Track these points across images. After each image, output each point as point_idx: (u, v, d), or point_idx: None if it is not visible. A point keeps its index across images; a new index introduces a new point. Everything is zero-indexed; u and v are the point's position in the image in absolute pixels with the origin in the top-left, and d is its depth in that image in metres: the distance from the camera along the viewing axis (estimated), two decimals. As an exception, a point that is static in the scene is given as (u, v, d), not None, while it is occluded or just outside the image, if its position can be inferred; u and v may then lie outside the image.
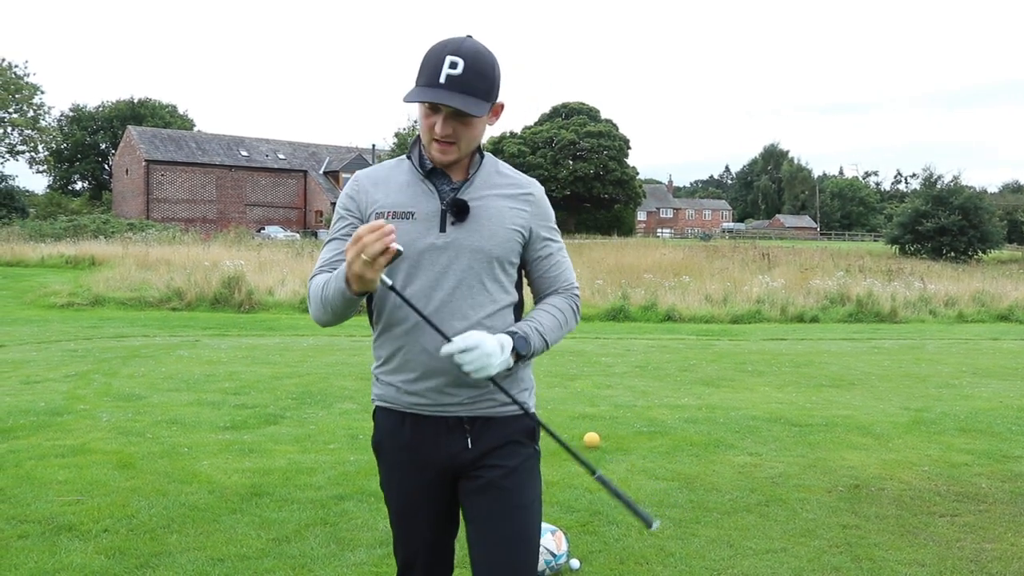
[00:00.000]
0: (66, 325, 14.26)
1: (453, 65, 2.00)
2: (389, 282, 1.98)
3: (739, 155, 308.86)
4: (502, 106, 2.18)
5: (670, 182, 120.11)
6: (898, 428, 7.06)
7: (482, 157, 2.21)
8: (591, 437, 6.28)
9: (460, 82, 2.01)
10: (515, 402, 2.11)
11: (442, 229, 2.13)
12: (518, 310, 2.26)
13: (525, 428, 2.22)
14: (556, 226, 2.32)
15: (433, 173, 2.17)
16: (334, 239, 2.23)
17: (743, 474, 5.63)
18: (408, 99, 2.04)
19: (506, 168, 2.27)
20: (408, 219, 2.13)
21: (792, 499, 5.09)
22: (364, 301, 2.21)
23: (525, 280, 2.34)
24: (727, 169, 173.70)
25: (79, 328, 13.80)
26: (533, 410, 2.22)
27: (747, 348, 12.82)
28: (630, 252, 30.87)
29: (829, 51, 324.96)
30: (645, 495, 5.12)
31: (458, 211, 2.12)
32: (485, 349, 1.97)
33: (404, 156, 2.25)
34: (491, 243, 2.14)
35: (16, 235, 32.61)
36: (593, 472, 2.07)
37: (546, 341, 2.18)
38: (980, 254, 47.85)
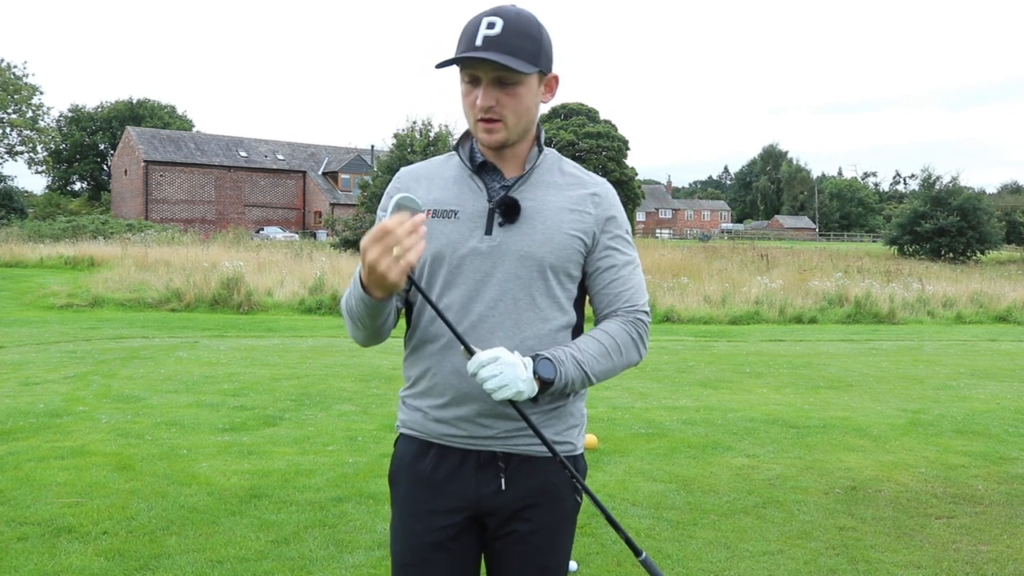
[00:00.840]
0: (65, 326, 14.27)
1: (491, 25, 1.76)
2: (412, 276, 1.73)
3: (738, 155, 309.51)
4: (557, 79, 1.89)
5: (669, 183, 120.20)
6: (895, 430, 7.08)
7: (541, 151, 1.93)
8: (589, 439, 6.29)
9: (498, 41, 1.75)
10: (546, 445, 1.78)
11: (488, 231, 1.85)
12: (577, 334, 1.94)
13: (566, 475, 1.92)
14: (629, 236, 1.98)
15: (484, 168, 1.90)
16: None
17: (740, 476, 5.65)
18: (440, 64, 1.79)
19: (571, 166, 1.98)
20: (450, 218, 1.87)
21: (789, 501, 5.11)
22: (404, 313, 2.00)
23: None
24: (726, 170, 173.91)
25: (78, 329, 13.81)
26: (580, 450, 1.99)
27: (745, 349, 12.84)
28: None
29: (828, 51, 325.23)
30: (643, 497, 5.14)
31: (507, 211, 1.85)
32: (507, 359, 1.70)
33: (453, 151, 2.00)
34: (544, 249, 1.85)
35: (15, 236, 32.59)
36: (639, 555, 1.81)
37: (585, 372, 1.81)
38: (979, 255, 47.93)
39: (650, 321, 1.98)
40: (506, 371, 1.68)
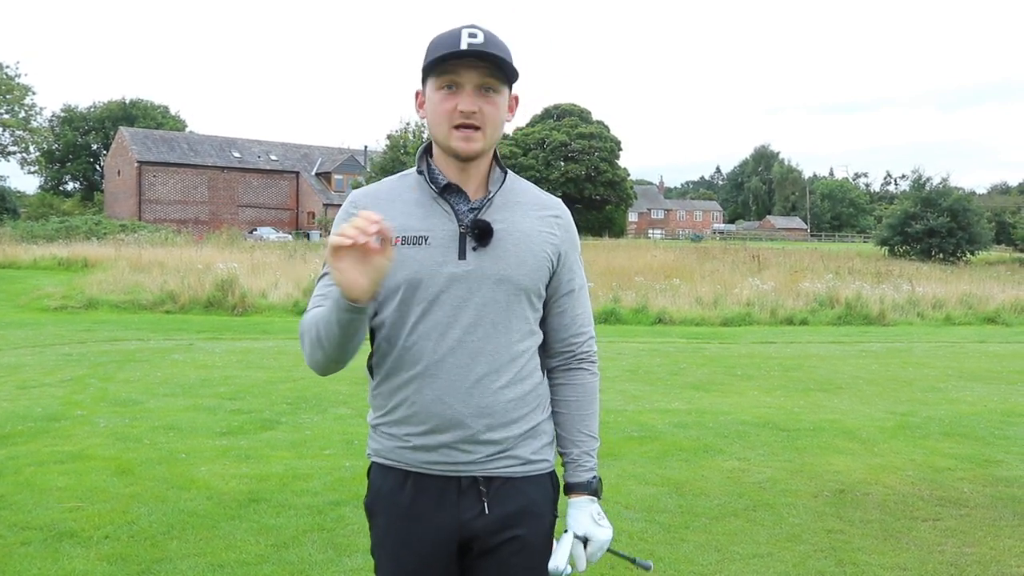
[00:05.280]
0: (60, 328, 14.30)
1: (472, 35, 1.77)
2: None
3: (732, 156, 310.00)
4: (517, 99, 1.91)
5: (661, 183, 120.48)
6: (884, 433, 7.19)
7: (503, 172, 1.93)
8: None
9: (484, 47, 1.77)
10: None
11: (461, 256, 1.83)
12: (540, 351, 1.98)
13: (545, 493, 1.96)
14: (580, 257, 2.06)
15: (447, 190, 1.86)
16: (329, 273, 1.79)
17: (731, 479, 5.74)
18: (431, 62, 1.79)
19: (527, 184, 1.99)
20: (421, 244, 1.83)
21: (778, 504, 5.21)
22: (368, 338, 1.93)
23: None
24: (718, 170, 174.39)
25: (73, 331, 13.84)
26: (553, 467, 2.01)
27: (736, 351, 12.95)
28: (621, 254, 31.00)
29: (828, 51, 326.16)
30: (635, 500, 5.24)
31: (481, 234, 1.83)
32: (598, 539, 1.95)
33: (410, 171, 1.95)
34: (519, 272, 1.86)
35: (8, 236, 32.55)
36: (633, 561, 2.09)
37: (597, 445, 2.06)
38: (968, 255, 48.15)
39: (595, 346, 2.09)
40: (602, 536, 1.96)
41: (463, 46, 1.75)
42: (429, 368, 1.83)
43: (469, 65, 1.78)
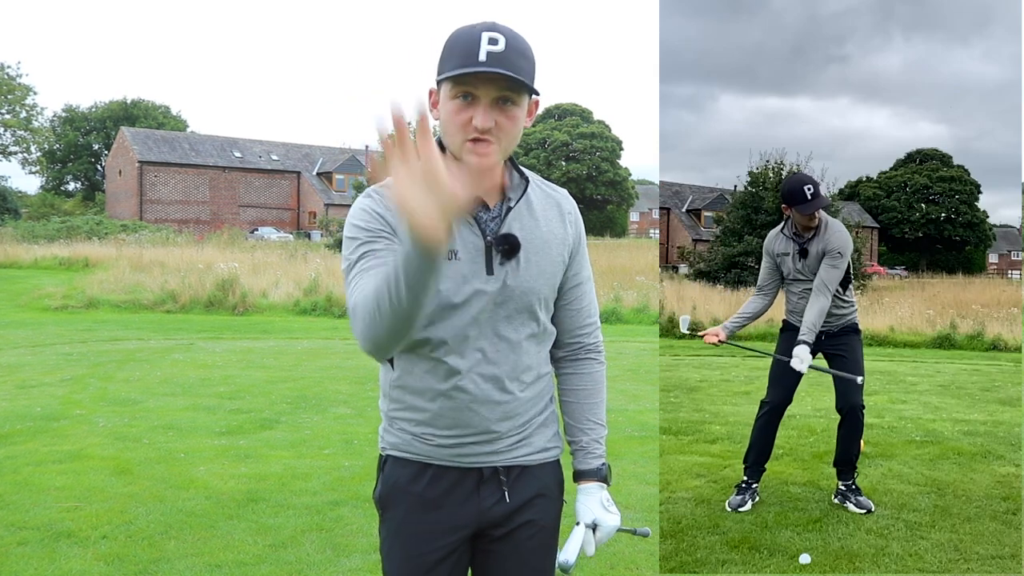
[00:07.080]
0: (60, 328, 14.30)
1: (493, 41, 1.66)
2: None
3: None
4: (537, 104, 1.83)
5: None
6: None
7: (522, 176, 1.87)
8: None
9: (503, 59, 1.66)
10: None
11: (489, 271, 1.77)
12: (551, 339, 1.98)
13: (557, 478, 1.98)
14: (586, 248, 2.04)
15: None
16: (367, 254, 1.70)
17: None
18: (445, 76, 1.69)
19: (539, 181, 1.93)
20: (452, 259, 1.74)
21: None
22: None
23: None
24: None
25: (74, 331, 13.84)
26: (560, 453, 2.01)
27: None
28: (623, 253, 31.00)
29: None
30: (636, 500, 5.21)
31: (510, 249, 1.78)
32: (607, 525, 1.95)
33: None
34: (540, 282, 1.84)
35: (9, 236, 32.52)
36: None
37: (605, 433, 2.06)
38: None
39: (602, 340, 2.09)
40: (611, 522, 1.95)
41: (482, 56, 1.65)
42: (456, 380, 1.79)
43: (487, 79, 1.67)
